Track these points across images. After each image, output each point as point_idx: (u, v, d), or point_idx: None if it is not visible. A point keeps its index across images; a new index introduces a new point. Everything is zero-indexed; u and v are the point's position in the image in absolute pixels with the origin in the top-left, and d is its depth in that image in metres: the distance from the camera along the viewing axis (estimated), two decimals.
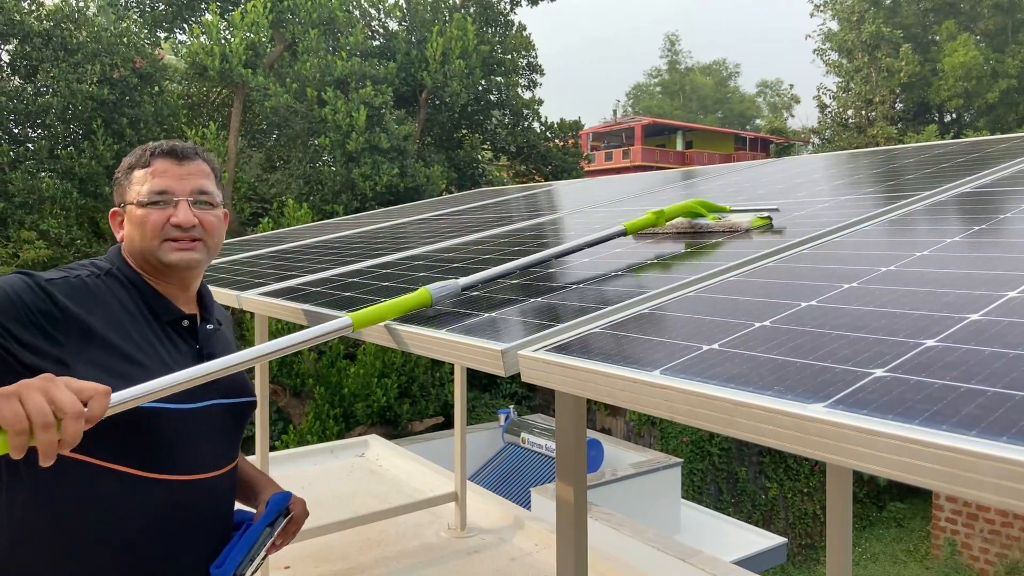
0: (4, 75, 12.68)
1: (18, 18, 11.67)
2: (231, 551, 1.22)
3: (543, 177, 15.53)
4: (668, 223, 1.47)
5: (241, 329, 10.68)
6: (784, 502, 13.53)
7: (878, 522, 14.23)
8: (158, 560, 1.12)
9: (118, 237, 1.28)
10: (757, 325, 0.76)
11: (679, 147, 34.05)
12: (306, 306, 1.30)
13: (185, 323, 1.25)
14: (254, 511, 1.33)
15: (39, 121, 12.90)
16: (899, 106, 24.37)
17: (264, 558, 1.28)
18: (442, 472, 4.59)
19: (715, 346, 0.72)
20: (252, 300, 1.53)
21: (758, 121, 45.96)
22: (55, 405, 0.82)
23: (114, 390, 1.07)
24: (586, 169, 17.27)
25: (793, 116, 44.76)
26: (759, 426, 0.55)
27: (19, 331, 1.02)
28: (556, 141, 15.81)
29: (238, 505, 1.35)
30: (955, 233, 1.05)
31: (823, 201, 1.58)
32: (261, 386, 3.16)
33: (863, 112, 24.67)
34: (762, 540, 7.61)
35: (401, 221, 3.19)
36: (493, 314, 1.01)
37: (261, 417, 3.19)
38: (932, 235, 1.06)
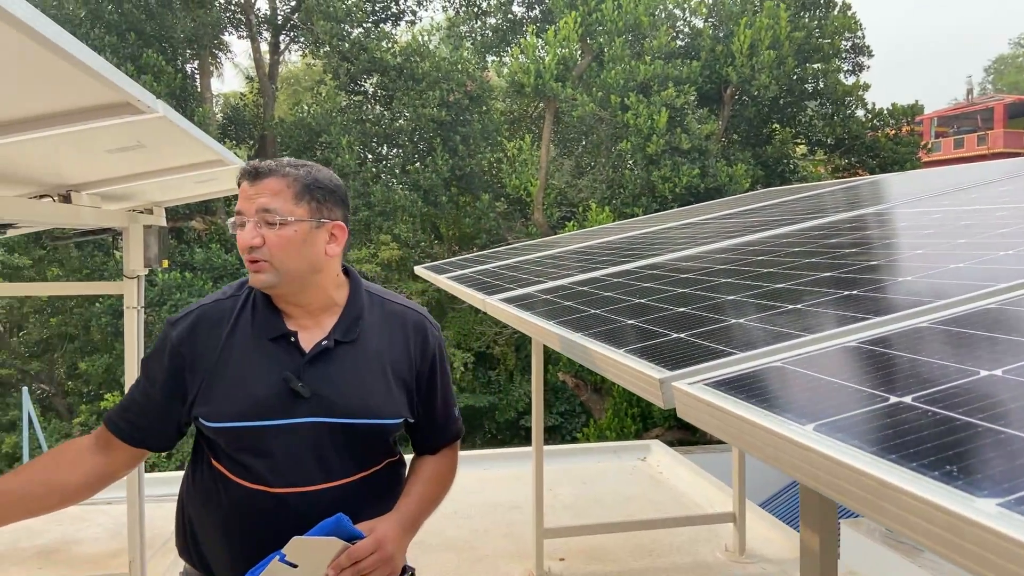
0: (368, 104, 15.27)
1: (378, 55, 13.94)
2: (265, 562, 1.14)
3: (868, 171, 13.84)
4: None
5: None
6: None
7: None
8: (240, 553, 1.23)
9: None
10: (984, 374, 0.58)
11: None
12: (524, 315, 1.33)
13: (293, 339, 1.25)
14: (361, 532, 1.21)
15: (393, 142, 15.28)
16: None
17: None
18: (724, 488, 4.37)
19: (907, 399, 0.56)
20: (493, 306, 1.62)
21: None
22: None
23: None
24: (925, 160, 14.92)
25: None
26: (906, 517, 0.41)
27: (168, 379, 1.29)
28: (886, 129, 13.99)
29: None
30: None
31: None
32: (536, 371, 3.23)
33: None
34: None
35: (688, 221, 3.09)
36: (683, 335, 0.92)
37: (535, 405, 3.29)
38: None
